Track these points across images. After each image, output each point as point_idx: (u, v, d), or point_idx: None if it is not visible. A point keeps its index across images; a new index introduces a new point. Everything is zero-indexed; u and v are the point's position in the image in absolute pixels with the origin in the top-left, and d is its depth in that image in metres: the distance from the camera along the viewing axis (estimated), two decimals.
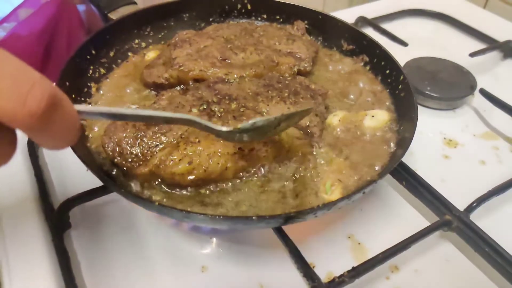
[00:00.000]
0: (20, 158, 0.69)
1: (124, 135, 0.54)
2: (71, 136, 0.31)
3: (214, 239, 0.61)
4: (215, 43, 0.72)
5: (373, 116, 0.66)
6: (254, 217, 0.45)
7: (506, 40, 1.02)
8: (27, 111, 0.26)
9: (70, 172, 0.68)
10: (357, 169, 0.59)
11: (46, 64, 1.19)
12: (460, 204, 0.62)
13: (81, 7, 1.28)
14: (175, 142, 0.53)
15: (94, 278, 0.56)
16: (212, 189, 0.54)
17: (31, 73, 0.28)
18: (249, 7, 0.87)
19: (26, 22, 1.13)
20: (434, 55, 0.95)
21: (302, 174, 0.57)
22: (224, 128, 0.45)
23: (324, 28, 0.84)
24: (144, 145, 0.54)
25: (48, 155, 0.71)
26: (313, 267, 0.56)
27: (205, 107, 0.59)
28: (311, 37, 0.84)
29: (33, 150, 0.69)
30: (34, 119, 0.27)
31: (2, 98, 0.26)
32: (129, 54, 0.78)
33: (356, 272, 0.53)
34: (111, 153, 0.54)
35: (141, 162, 0.53)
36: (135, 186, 0.54)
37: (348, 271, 0.53)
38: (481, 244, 0.58)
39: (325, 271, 0.57)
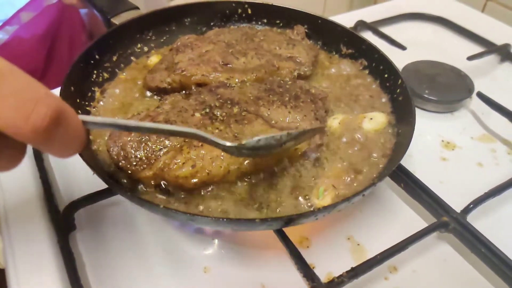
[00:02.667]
0: (25, 161, 0.69)
1: (129, 139, 0.55)
2: (76, 146, 0.32)
3: (216, 241, 0.62)
4: (217, 48, 0.74)
5: (371, 119, 0.67)
6: (256, 220, 0.47)
7: (504, 43, 1.04)
8: (31, 127, 0.27)
9: (75, 174, 0.69)
10: (356, 171, 0.60)
11: (48, 67, 1.20)
12: (458, 206, 0.63)
13: (83, 10, 1.29)
14: (178, 146, 0.54)
15: (99, 278, 0.57)
16: (213, 190, 0.55)
17: (36, 90, 0.28)
18: (249, 11, 0.88)
19: (28, 25, 1.14)
20: (432, 58, 0.96)
21: (303, 176, 0.58)
22: (228, 143, 0.45)
23: (324, 32, 0.85)
24: (148, 149, 0.55)
25: (54, 158, 0.72)
26: (313, 267, 0.57)
27: (207, 111, 0.60)
28: (311, 41, 0.85)
29: (38, 153, 0.70)
30: (38, 134, 0.28)
31: (6, 115, 0.27)
32: (132, 58, 0.79)
33: (355, 272, 0.54)
34: (116, 157, 0.55)
35: (145, 166, 0.54)
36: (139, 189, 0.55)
37: (347, 272, 0.54)
38: (477, 245, 0.59)
39: (324, 271, 0.58)
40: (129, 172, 0.55)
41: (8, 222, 0.61)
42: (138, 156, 0.54)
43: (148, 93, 0.72)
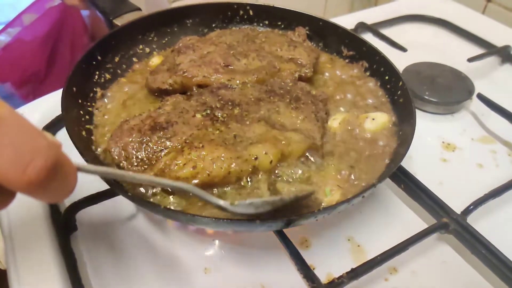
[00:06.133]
0: None
1: (130, 140, 0.56)
2: (67, 193, 0.31)
3: (217, 241, 0.63)
4: (218, 49, 0.74)
5: (373, 119, 0.67)
6: (257, 221, 0.47)
7: (504, 45, 1.04)
8: (26, 180, 0.27)
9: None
10: (356, 172, 0.60)
11: (50, 68, 1.20)
12: (458, 207, 0.63)
13: (84, 12, 1.30)
14: (179, 147, 0.55)
15: (100, 279, 0.57)
16: (214, 192, 0.56)
17: (36, 140, 0.27)
18: (251, 13, 0.89)
19: (31, 27, 1.14)
20: (432, 60, 0.96)
21: (303, 177, 0.59)
22: (221, 202, 0.46)
23: (325, 34, 0.85)
24: (149, 150, 0.55)
25: None
26: (313, 268, 0.58)
27: (208, 112, 0.61)
28: (312, 43, 0.86)
29: None
30: (32, 186, 0.27)
31: (2, 166, 0.26)
32: (134, 59, 0.79)
33: (355, 273, 0.54)
34: (117, 157, 0.56)
35: (146, 166, 0.54)
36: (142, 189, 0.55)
37: (347, 273, 0.54)
38: (477, 246, 0.59)
39: (325, 272, 0.58)
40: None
41: (10, 223, 0.61)
42: (139, 156, 0.55)
43: (150, 94, 0.72)
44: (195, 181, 0.53)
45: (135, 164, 0.55)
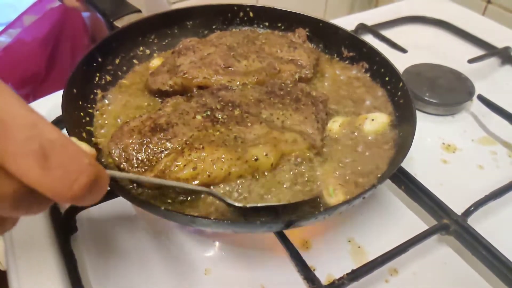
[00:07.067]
0: None
1: (130, 141, 0.56)
2: (99, 198, 0.34)
3: (217, 243, 0.63)
4: (218, 51, 0.74)
5: (373, 120, 0.67)
6: (257, 222, 0.47)
7: (505, 46, 1.04)
8: (72, 195, 0.30)
9: None
10: (357, 174, 0.60)
11: (50, 69, 1.21)
12: (458, 208, 0.63)
13: (85, 13, 1.30)
14: (180, 148, 0.55)
15: (100, 280, 0.57)
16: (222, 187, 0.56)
17: (81, 161, 0.30)
18: (251, 15, 0.89)
19: (31, 28, 1.15)
20: (433, 61, 0.96)
21: (303, 178, 0.59)
22: (236, 204, 0.51)
23: (325, 35, 0.85)
24: (149, 151, 0.55)
25: None
26: (314, 270, 0.57)
27: (208, 113, 0.61)
28: (312, 44, 0.86)
29: None
30: (75, 199, 0.31)
31: (51, 185, 0.29)
32: (134, 61, 0.79)
33: (356, 274, 0.54)
34: (117, 159, 0.56)
35: (146, 168, 0.54)
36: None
37: (348, 274, 0.54)
38: (478, 248, 0.59)
39: (325, 273, 0.58)
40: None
41: None
42: (140, 158, 0.55)
43: (150, 96, 0.72)
44: (196, 182, 0.53)
45: (135, 165, 0.55)
